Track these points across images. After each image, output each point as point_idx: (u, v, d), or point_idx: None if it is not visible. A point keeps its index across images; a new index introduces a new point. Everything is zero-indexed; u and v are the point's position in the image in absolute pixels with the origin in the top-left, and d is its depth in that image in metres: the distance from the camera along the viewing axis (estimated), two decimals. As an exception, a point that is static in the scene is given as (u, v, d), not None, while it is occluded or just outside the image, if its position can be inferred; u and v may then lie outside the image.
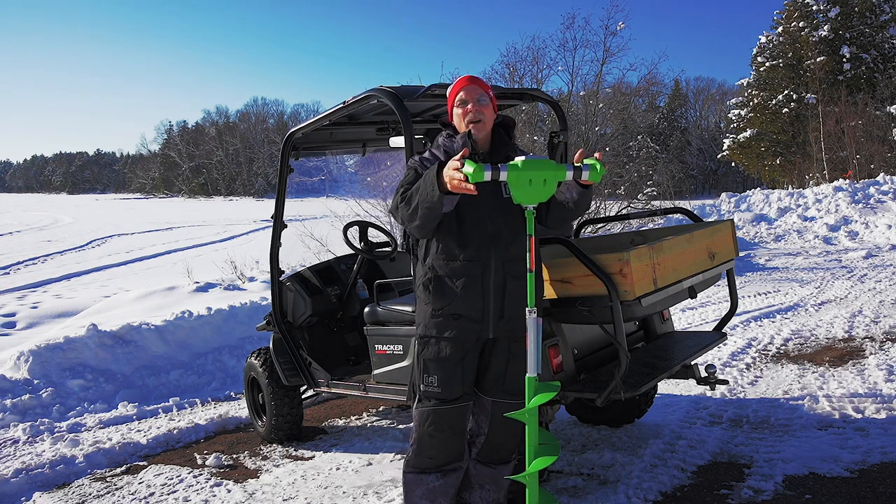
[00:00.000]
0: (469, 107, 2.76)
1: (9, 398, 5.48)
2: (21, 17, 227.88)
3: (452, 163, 2.42)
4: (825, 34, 30.25)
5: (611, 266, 2.90)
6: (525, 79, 14.27)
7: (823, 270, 10.30)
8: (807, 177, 27.70)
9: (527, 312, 2.50)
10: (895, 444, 3.69)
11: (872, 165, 24.37)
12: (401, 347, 3.73)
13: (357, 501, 3.61)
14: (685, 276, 3.24)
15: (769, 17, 49.40)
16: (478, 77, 2.84)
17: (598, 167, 2.45)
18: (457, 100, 2.80)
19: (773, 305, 7.87)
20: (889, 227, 13.62)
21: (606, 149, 13.97)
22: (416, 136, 4.10)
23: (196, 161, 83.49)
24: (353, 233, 4.64)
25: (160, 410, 5.52)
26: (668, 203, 17.81)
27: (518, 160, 2.46)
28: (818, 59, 29.84)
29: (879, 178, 16.88)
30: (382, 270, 4.91)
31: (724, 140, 36.92)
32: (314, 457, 4.35)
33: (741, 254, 11.27)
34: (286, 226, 4.64)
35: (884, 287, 8.59)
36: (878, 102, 27.53)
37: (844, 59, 30.03)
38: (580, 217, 2.91)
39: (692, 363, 3.59)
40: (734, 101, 35.85)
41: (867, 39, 30.57)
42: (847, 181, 17.77)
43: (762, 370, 5.40)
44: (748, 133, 32.91)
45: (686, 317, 7.66)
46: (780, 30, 32.36)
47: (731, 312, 3.89)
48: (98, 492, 4.05)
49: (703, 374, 3.62)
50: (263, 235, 24.87)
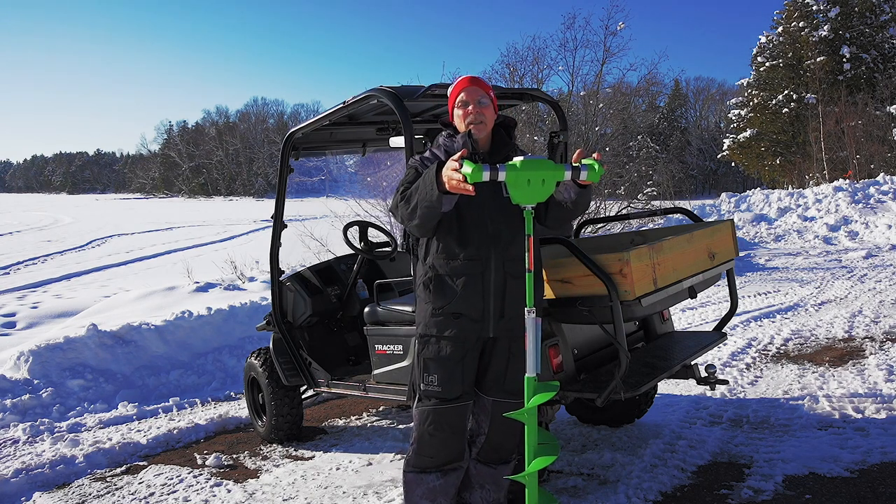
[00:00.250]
0: (470, 108, 2.76)
1: (9, 398, 5.48)
2: (21, 17, 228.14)
3: (451, 163, 2.42)
4: (825, 34, 30.25)
5: (611, 266, 2.90)
6: (525, 79, 14.27)
7: (823, 270, 10.30)
8: (807, 177, 27.70)
9: (525, 312, 2.51)
10: (895, 444, 3.69)
11: (872, 165, 24.37)
12: (401, 347, 3.73)
13: (357, 501, 3.61)
14: (685, 276, 3.24)
15: (769, 17, 49.48)
16: (479, 77, 2.83)
17: (597, 167, 2.45)
18: (458, 101, 2.80)
19: (773, 305, 7.87)
20: (889, 227, 13.62)
21: (606, 149, 13.96)
22: (416, 136, 4.11)
23: (196, 161, 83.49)
24: (353, 233, 4.64)
25: (160, 410, 5.52)
26: (668, 203, 17.81)
27: (516, 160, 2.45)
28: (818, 59, 29.85)
29: (879, 178, 16.88)
30: (382, 270, 4.91)
31: (724, 140, 36.92)
32: (314, 457, 4.35)
33: (741, 254, 11.27)
34: (286, 226, 4.64)
35: (884, 287, 8.59)
36: (878, 102, 27.53)
37: (844, 59, 30.03)
38: (579, 217, 2.90)
39: (692, 363, 3.59)
40: (734, 101, 35.84)
41: (867, 39, 30.57)
42: (847, 181, 17.76)
43: (762, 370, 5.40)
44: (748, 133, 32.90)
45: (686, 317, 7.66)
46: (780, 30, 32.36)
47: (731, 312, 3.89)
48: (98, 492, 4.05)
49: (703, 374, 3.63)
50: (263, 235, 24.87)
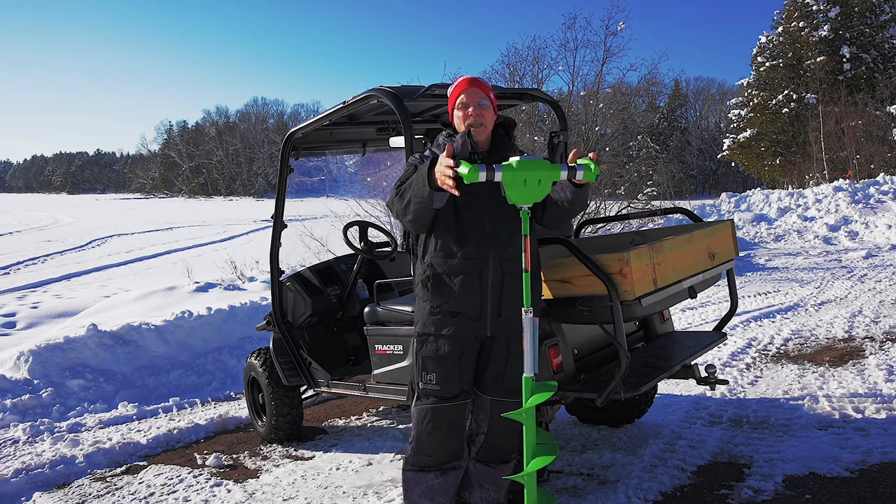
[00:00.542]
0: (470, 110, 2.75)
1: (9, 398, 5.48)
2: (21, 17, 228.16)
3: (444, 159, 2.41)
4: (825, 34, 30.25)
5: (611, 266, 2.90)
6: (525, 79, 14.27)
7: (823, 270, 10.30)
8: (807, 177, 27.69)
9: (523, 312, 2.51)
10: (895, 444, 3.69)
11: (872, 165, 24.37)
12: (401, 347, 3.73)
13: (357, 501, 3.61)
14: (685, 276, 3.24)
15: (769, 17, 49.47)
16: (479, 79, 2.82)
17: (592, 167, 2.46)
18: (458, 102, 2.79)
19: (773, 305, 7.87)
20: (889, 227, 13.62)
21: (606, 149, 13.97)
22: (416, 136, 4.11)
23: (196, 161, 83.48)
24: (353, 233, 4.64)
25: (160, 410, 5.52)
26: (668, 203, 17.81)
27: (512, 160, 2.46)
28: (818, 59, 29.85)
29: (879, 178, 16.87)
30: (382, 270, 4.91)
31: (724, 140, 36.92)
32: (314, 457, 4.35)
33: (741, 254, 11.27)
34: (286, 226, 4.64)
35: (884, 287, 8.59)
36: (878, 102, 27.53)
37: (844, 59, 30.03)
38: (576, 216, 2.91)
39: (692, 363, 3.59)
40: (734, 101, 35.84)
41: (867, 39, 30.57)
42: (847, 181, 17.76)
43: (762, 370, 5.39)
44: (748, 133, 32.90)
45: (686, 317, 7.66)
46: (780, 30, 32.36)
47: (731, 312, 3.89)
48: (98, 492, 4.05)
49: (703, 374, 3.63)
50: (263, 235, 24.87)
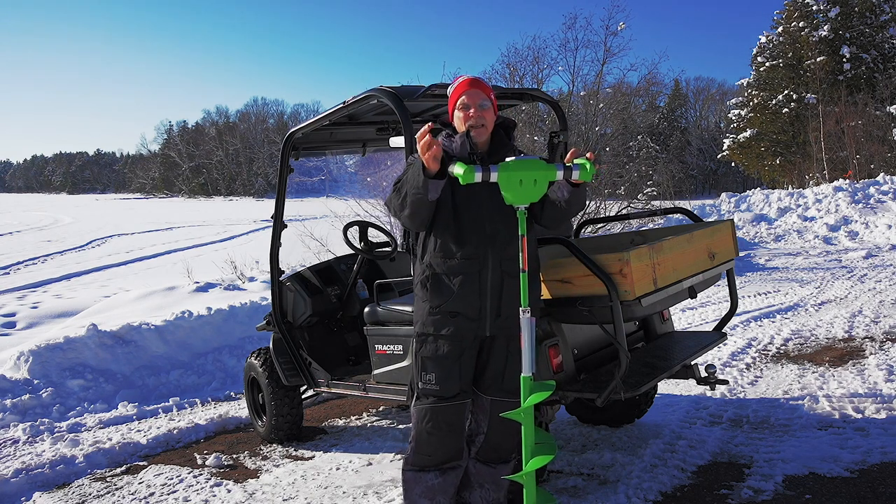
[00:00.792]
0: (471, 112, 2.75)
1: (9, 398, 5.48)
2: (21, 17, 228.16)
3: (419, 135, 2.46)
4: (825, 34, 30.25)
5: (611, 266, 2.90)
6: (526, 78, 14.27)
7: (823, 270, 10.30)
8: (807, 177, 27.69)
9: (520, 312, 2.51)
10: (895, 444, 3.69)
11: (872, 165, 24.37)
12: (401, 347, 3.73)
13: (357, 501, 3.61)
14: (685, 276, 3.24)
15: (769, 17, 49.45)
16: (480, 80, 2.82)
17: (589, 166, 2.46)
18: (458, 103, 2.79)
19: (773, 305, 7.87)
20: (889, 227, 13.62)
21: (606, 149, 13.97)
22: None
23: (196, 161, 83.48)
24: (353, 233, 4.64)
25: (160, 410, 5.52)
26: (668, 203, 17.81)
27: (508, 160, 2.46)
28: (818, 59, 29.85)
29: (879, 178, 16.87)
30: (382, 270, 4.91)
31: (724, 140, 36.92)
32: (314, 457, 4.35)
33: (741, 254, 11.27)
34: (286, 226, 4.64)
35: (884, 287, 8.58)
36: (878, 102, 27.53)
37: (844, 59, 30.03)
38: (575, 216, 2.91)
39: (692, 363, 3.59)
40: (734, 101, 35.84)
41: (867, 39, 30.57)
42: (847, 181, 17.76)
43: (762, 370, 5.39)
44: (748, 133, 32.90)
45: (686, 317, 7.66)
46: (780, 30, 32.36)
47: (731, 312, 3.89)
48: (98, 492, 4.05)
49: (703, 374, 3.63)
50: (263, 235, 24.87)
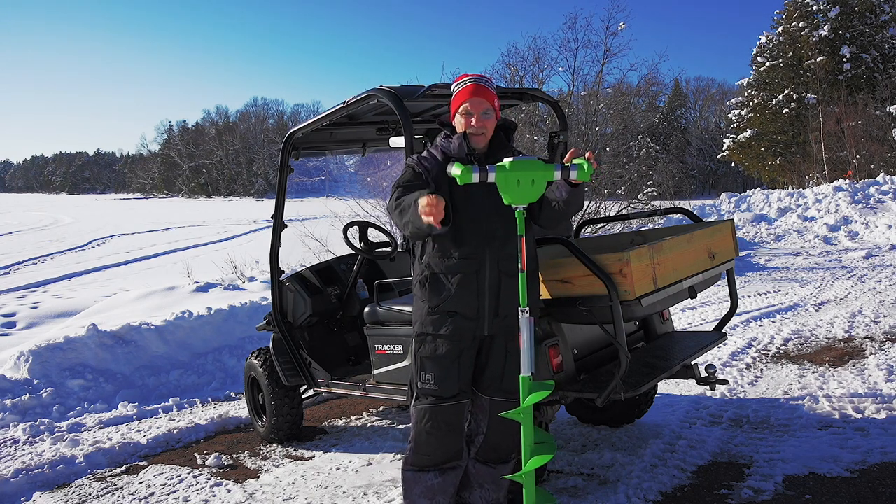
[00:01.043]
0: (473, 120, 2.75)
1: (9, 398, 5.48)
2: (21, 17, 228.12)
3: (422, 206, 2.39)
4: (825, 34, 30.25)
5: (611, 266, 2.90)
6: (526, 78, 14.27)
7: (823, 270, 10.30)
8: (807, 177, 27.68)
9: (519, 312, 2.51)
10: (895, 444, 3.69)
11: (872, 165, 24.37)
12: (401, 347, 3.73)
13: (357, 501, 3.61)
14: (685, 276, 3.24)
15: (769, 17, 49.43)
16: (484, 85, 2.78)
17: (586, 166, 2.46)
18: (461, 108, 2.77)
19: (773, 305, 7.87)
20: (889, 227, 13.61)
21: (606, 149, 13.98)
22: (416, 136, 4.11)
23: (196, 161, 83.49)
24: (353, 233, 4.64)
25: (160, 410, 5.52)
26: (668, 203, 17.82)
27: (506, 161, 2.46)
28: (818, 59, 29.85)
29: (879, 178, 16.87)
30: (382, 270, 4.91)
31: (724, 140, 36.92)
32: (314, 457, 4.35)
33: (741, 254, 11.27)
34: (286, 226, 4.64)
35: (884, 287, 8.58)
36: (878, 102, 27.53)
37: (844, 59, 30.03)
38: (573, 216, 2.91)
39: (692, 363, 3.59)
40: (734, 101, 35.83)
41: (867, 39, 30.57)
42: (847, 181, 17.75)
43: (762, 370, 5.39)
44: (748, 133, 32.90)
45: (686, 317, 7.66)
46: (780, 30, 32.36)
47: (731, 312, 3.89)
48: (98, 492, 4.05)
49: (703, 374, 3.63)
50: (263, 235, 24.87)
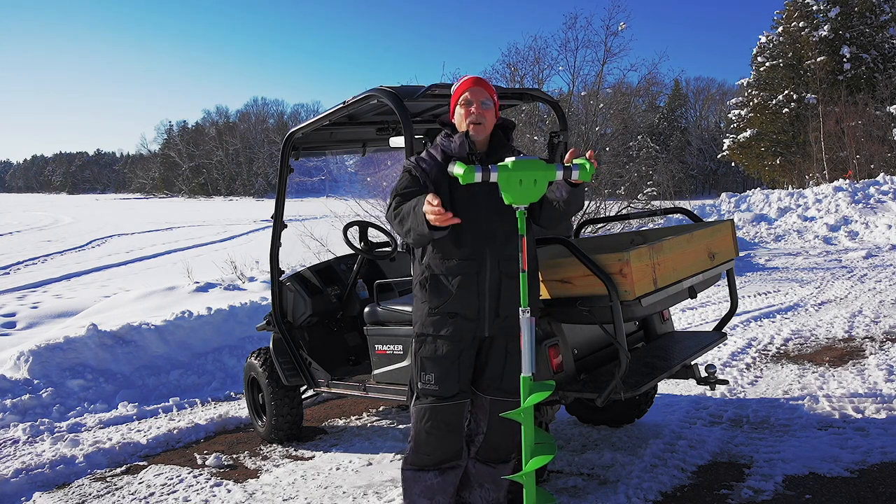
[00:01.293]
0: (472, 108, 2.76)
1: (9, 398, 5.48)
2: (21, 17, 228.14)
3: (428, 206, 2.42)
4: (825, 34, 30.25)
5: (611, 266, 2.90)
6: (526, 78, 14.28)
7: (823, 270, 10.30)
8: (807, 177, 27.69)
9: (520, 312, 2.51)
10: (895, 444, 3.69)
11: (872, 165, 24.37)
12: (401, 347, 3.73)
13: (357, 501, 3.61)
14: (685, 276, 3.24)
15: (769, 17, 49.44)
16: (484, 80, 2.83)
17: (588, 166, 2.46)
18: (461, 99, 2.80)
19: (773, 305, 7.87)
20: (889, 227, 13.62)
21: (606, 149, 13.97)
22: (416, 136, 4.11)
23: (196, 161, 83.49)
24: (353, 233, 4.64)
25: (160, 410, 5.52)
26: (668, 203, 17.82)
27: (508, 161, 2.46)
28: (818, 59, 29.85)
29: (879, 178, 16.87)
30: (382, 270, 4.92)
31: (724, 140, 36.92)
32: (314, 457, 4.35)
33: (741, 254, 11.27)
34: (286, 226, 4.64)
35: (884, 287, 8.58)
36: (878, 102, 27.53)
37: (844, 59, 30.03)
38: (573, 216, 2.91)
39: (692, 363, 3.59)
40: (734, 101, 35.83)
41: (867, 39, 30.57)
42: (847, 181, 17.75)
43: (762, 370, 5.39)
44: (748, 133, 32.91)
45: (686, 317, 7.66)
46: (780, 30, 32.36)
47: (731, 312, 3.89)
48: (98, 492, 4.05)
49: (703, 374, 3.63)
50: (263, 235, 24.87)
